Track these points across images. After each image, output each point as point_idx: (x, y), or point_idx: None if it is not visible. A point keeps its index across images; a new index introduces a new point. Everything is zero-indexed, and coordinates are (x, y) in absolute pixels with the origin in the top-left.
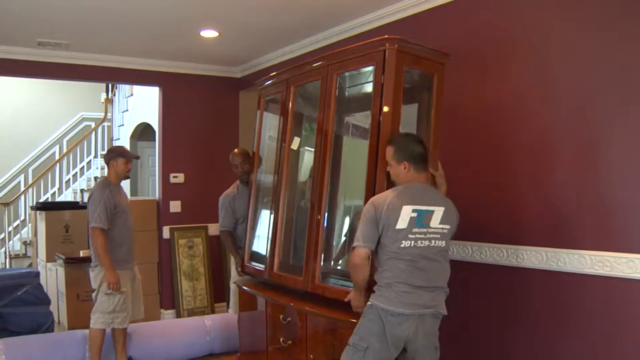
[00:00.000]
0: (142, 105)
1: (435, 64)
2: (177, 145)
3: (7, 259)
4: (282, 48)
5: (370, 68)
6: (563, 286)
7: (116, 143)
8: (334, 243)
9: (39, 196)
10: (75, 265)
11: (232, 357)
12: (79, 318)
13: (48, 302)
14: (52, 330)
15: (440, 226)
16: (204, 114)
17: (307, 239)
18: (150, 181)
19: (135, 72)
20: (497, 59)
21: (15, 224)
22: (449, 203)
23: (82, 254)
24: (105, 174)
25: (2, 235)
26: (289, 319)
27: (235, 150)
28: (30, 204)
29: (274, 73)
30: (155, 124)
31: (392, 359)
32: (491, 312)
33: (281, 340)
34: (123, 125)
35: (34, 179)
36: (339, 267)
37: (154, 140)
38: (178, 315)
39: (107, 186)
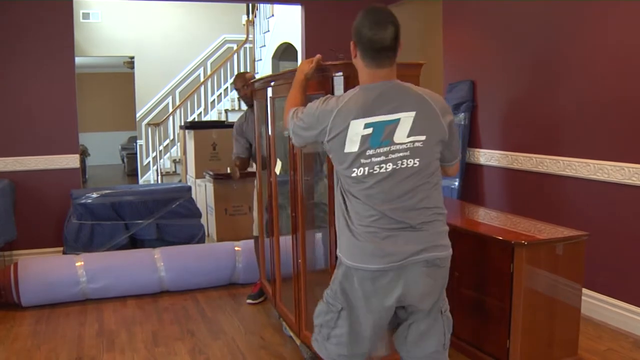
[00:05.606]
0: (283, 25)
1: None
2: None
3: (159, 176)
4: None
5: None
6: None
7: (258, 64)
8: None
9: (186, 117)
10: (223, 181)
11: None
12: (227, 231)
13: (199, 215)
14: (204, 242)
15: (410, 139)
16: (349, 31)
17: None
18: None
19: None
20: None
21: (165, 144)
22: (425, 103)
23: (229, 170)
24: None
25: (154, 154)
26: None
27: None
28: (179, 124)
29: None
30: (297, 43)
31: (380, 324)
32: None
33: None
34: (265, 46)
35: (181, 100)
36: None
37: (296, 60)
38: None
39: None
